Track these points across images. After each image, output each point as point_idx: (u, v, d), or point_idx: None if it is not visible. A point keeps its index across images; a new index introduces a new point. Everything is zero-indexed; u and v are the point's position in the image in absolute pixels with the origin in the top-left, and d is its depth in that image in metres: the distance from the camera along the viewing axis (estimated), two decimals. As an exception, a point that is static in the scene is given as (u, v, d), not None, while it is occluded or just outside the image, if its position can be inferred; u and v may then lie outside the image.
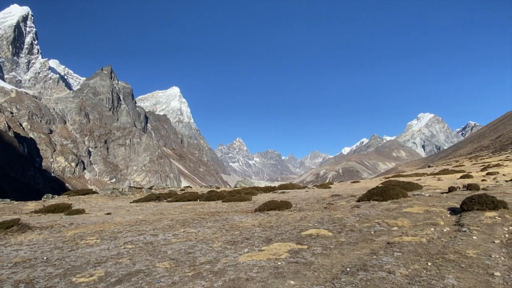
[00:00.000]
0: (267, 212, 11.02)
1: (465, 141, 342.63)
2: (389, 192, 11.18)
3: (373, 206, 10.09)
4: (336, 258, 5.01)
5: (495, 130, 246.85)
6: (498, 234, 5.59)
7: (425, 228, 6.54)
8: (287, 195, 19.18)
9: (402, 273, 4.07)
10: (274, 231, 7.55)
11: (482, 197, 7.54)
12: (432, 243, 5.40)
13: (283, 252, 5.52)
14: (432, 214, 8.00)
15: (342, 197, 14.68)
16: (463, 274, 3.90)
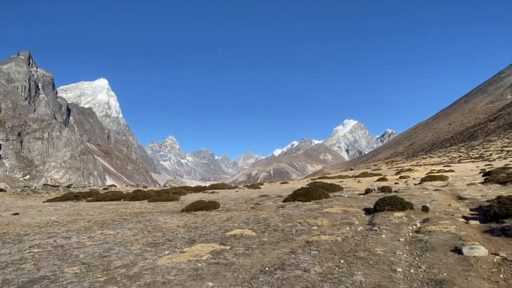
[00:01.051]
0: (194, 212, 10.82)
1: (383, 147, 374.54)
2: (312, 193, 11.71)
3: (297, 206, 10.47)
4: (257, 258, 5.06)
5: (409, 138, 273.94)
6: (403, 232, 6.14)
7: (342, 227, 6.95)
8: (216, 195, 19.10)
9: (316, 271, 4.24)
10: (198, 232, 7.42)
11: (393, 198, 8.25)
12: (346, 242, 5.74)
13: (205, 253, 5.43)
14: (349, 214, 8.54)
15: (269, 198, 15.03)
16: (370, 270, 4.19)
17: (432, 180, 18.38)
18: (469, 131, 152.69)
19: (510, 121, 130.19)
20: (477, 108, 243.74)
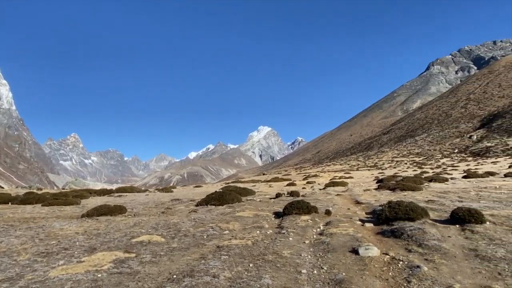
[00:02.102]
0: (96, 217, 9.94)
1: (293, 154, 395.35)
2: (226, 197, 11.73)
3: (210, 211, 10.38)
4: (164, 266, 4.83)
5: (316, 146, 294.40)
6: (308, 235, 6.49)
7: (252, 231, 7.07)
8: (124, 199, 17.93)
9: (225, 276, 4.21)
10: (100, 239, 6.82)
11: (300, 202, 8.69)
12: (256, 245, 5.84)
13: (106, 263, 4.99)
14: (260, 217, 8.74)
15: (182, 202, 14.64)
16: (277, 273, 4.31)
17: (334, 186, 19.95)
18: (366, 142, 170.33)
19: (399, 135, 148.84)
20: (373, 122, 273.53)
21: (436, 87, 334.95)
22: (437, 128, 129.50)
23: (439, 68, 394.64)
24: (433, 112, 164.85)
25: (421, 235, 5.63)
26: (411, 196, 12.19)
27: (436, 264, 4.33)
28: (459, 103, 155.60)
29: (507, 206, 8.29)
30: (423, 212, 6.96)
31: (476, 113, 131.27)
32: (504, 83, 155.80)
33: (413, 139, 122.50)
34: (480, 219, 6.23)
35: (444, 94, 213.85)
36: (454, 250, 4.89)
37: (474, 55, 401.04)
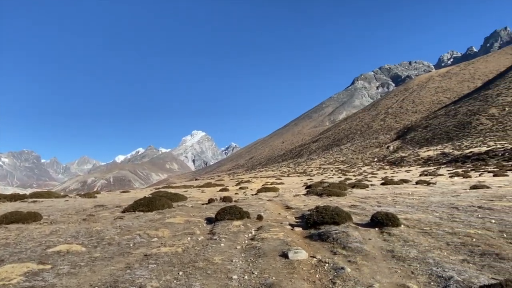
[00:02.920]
0: (5, 226, 8.85)
1: (227, 159, 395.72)
2: (155, 202, 11.26)
3: (137, 217, 9.87)
4: (85, 277, 4.45)
5: (249, 152, 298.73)
6: (240, 240, 6.50)
7: (183, 237, 6.87)
8: (39, 205, 16.24)
9: (153, 285, 4.01)
10: (10, 249, 6.07)
11: (232, 208, 8.69)
12: (186, 252, 5.68)
13: (16, 276, 4.45)
14: (191, 224, 8.55)
15: (106, 208, 13.71)
16: (208, 280, 4.23)
17: (266, 191, 20.36)
18: (297, 150, 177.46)
19: (327, 144, 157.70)
20: (304, 130, 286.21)
21: (360, 101, 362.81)
22: (360, 138, 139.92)
23: (362, 83, 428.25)
24: (356, 124, 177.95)
25: (345, 238, 5.97)
26: (336, 201, 12.91)
27: (358, 265, 4.62)
28: (379, 116, 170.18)
29: (418, 211, 9.20)
30: (347, 216, 7.41)
31: (393, 125, 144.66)
32: (417, 100, 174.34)
33: (339, 148, 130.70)
34: (396, 222, 6.81)
35: (366, 107, 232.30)
36: (374, 252, 5.26)
37: (393, 73, 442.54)
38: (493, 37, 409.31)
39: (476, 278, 3.78)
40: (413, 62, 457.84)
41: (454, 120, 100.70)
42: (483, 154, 53.07)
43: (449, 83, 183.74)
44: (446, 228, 6.56)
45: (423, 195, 14.03)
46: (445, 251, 5.09)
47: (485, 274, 3.96)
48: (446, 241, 5.64)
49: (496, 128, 78.20)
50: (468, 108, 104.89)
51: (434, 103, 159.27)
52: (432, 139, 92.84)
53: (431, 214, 8.43)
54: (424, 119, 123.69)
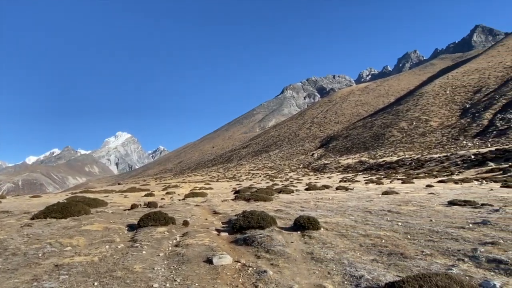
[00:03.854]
0: None
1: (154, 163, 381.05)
2: (70, 208, 10.37)
3: (49, 224, 8.98)
4: (-21, 294, 3.91)
5: (178, 156, 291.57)
6: (164, 247, 6.28)
7: (101, 246, 6.42)
8: None
9: (63, 299, 3.67)
10: None
11: (157, 214, 8.38)
12: (104, 261, 5.31)
13: None
14: (111, 231, 8.03)
15: (12, 214, 12.23)
16: (126, 290, 4.01)
17: (194, 196, 20.04)
18: (227, 155, 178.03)
19: (257, 149, 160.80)
20: (235, 136, 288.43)
21: (288, 109, 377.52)
22: (287, 146, 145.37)
23: (291, 93, 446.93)
24: (285, 131, 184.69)
25: (269, 242, 6.13)
26: (263, 206, 13.20)
27: (280, 268, 4.77)
28: (305, 125, 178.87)
29: (337, 214, 9.83)
30: (272, 220, 7.62)
31: (317, 134, 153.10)
32: (339, 111, 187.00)
33: (268, 154, 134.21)
34: (316, 226, 7.19)
35: (294, 116, 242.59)
36: (295, 254, 5.49)
37: (319, 85, 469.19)
38: (404, 58, 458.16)
39: (383, 276, 4.14)
40: (337, 76, 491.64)
41: (371, 132, 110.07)
42: (394, 163, 58.79)
43: (367, 98, 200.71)
44: (360, 231, 7.10)
45: (342, 200, 15.03)
46: (358, 252, 5.50)
47: (391, 272, 4.37)
48: (359, 242, 6.10)
49: (405, 140, 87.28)
50: (383, 121, 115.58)
51: (354, 115, 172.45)
52: (352, 148, 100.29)
53: (348, 218, 9.06)
54: (345, 130, 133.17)
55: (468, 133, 75.94)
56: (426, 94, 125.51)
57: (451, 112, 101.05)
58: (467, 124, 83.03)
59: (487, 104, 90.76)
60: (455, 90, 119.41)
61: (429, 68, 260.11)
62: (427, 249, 5.41)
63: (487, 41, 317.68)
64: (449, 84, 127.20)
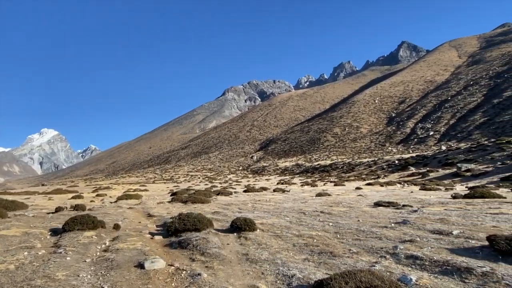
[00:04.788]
0: None
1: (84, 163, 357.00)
2: (-18, 212, 9.29)
3: (-46, 231, 7.93)
4: None
5: (112, 156, 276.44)
6: (91, 252, 5.90)
7: (18, 252, 5.83)
8: None
9: (-32, 314, 3.27)
10: None
11: (85, 217, 7.84)
12: (21, 269, 4.83)
13: None
14: (31, 236, 7.34)
15: None
16: (46, 300, 3.69)
17: (128, 199, 19.12)
18: (165, 156, 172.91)
19: (196, 151, 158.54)
20: (173, 136, 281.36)
21: (229, 111, 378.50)
22: (227, 148, 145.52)
23: (232, 95, 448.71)
24: (225, 133, 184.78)
25: (204, 244, 6.07)
26: (200, 208, 13.05)
27: (215, 270, 4.75)
28: (246, 128, 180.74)
29: (273, 216, 10.06)
30: (208, 222, 7.57)
31: (257, 137, 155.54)
32: (278, 116, 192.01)
33: (207, 156, 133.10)
34: (252, 227, 7.29)
35: (235, 118, 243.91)
36: (230, 256, 5.51)
37: (259, 89, 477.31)
38: (339, 68, 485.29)
39: (313, 275, 4.33)
40: (277, 81, 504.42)
41: (307, 136, 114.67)
42: (328, 167, 61.89)
43: (305, 103, 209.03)
44: (294, 231, 7.34)
45: (278, 201, 15.43)
46: (291, 251, 5.69)
47: (321, 270, 4.58)
48: (293, 242, 6.31)
49: (338, 145, 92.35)
50: (318, 127, 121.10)
51: (292, 119, 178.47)
52: (289, 152, 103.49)
53: (283, 219, 9.33)
54: (284, 133, 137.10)
55: (393, 140, 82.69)
56: (357, 103, 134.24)
57: (379, 120, 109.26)
58: (393, 131, 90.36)
59: (410, 114, 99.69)
60: (383, 100, 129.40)
61: (361, 78, 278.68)
62: (354, 247, 5.77)
63: (412, 57, 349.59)
64: (378, 94, 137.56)
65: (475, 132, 67.32)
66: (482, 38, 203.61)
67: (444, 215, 8.59)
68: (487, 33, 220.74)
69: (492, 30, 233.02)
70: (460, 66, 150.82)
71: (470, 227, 6.83)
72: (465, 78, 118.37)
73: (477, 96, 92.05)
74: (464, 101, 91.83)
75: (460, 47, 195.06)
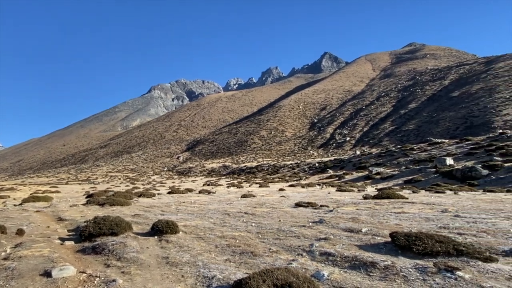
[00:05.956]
0: None
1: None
2: None
3: None
4: None
5: (18, 154, 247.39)
6: (-14, 262, 5.21)
7: None
8: None
9: None
10: None
11: (-20, 222, 6.91)
12: None
13: None
14: None
15: None
16: None
17: (35, 201, 17.29)
18: (81, 155, 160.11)
19: (117, 150, 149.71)
20: (91, 134, 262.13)
21: (155, 110, 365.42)
22: (152, 147, 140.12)
23: (159, 93, 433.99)
24: (150, 132, 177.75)
25: (122, 249, 5.77)
26: (119, 211, 12.34)
27: (132, 276, 4.54)
28: (172, 127, 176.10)
29: (197, 218, 9.95)
30: (127, 226, 7.20)
31: (184, 138, 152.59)
32: (207, 116, 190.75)
33: (130, 156, 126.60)
34: (175, 229, 7.13)
35: (161, 117, 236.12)
36: (149, 260, 5.31)
37: (188, 88, 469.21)
38: (267, 73, 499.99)
39: (234, 275, 4.39)
40: (206, 82, 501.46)
41: (235, 138, 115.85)
42: (254, 168, 63.23)
43: (233, 105, 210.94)
44: (218, 233, 7.36)
45: (203, 203, 15.30)
46: (213, 253, 5.69)
47: (241, 270, 4.66)
48: (215, 244, 6.32)
49: (264, 147, 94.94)
50: (246, 129, 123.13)
51: (221, 121, 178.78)
52: (217, 153, 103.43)
53: (207, 220, 9.28)
54: (211, 135, 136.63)
55: (315, 144, 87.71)
56: (283, 107, 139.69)
57: (303, 125, 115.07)
58: (314, 136, 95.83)
59: (330, 120, 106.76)
60: (306, 106, 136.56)
61: (287, 84, 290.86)
62: (274, 246, 5.99)
63: (333, 67, 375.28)
64: (302, 100, 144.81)
65: (384, 139, 74.62)
66: (393, 54, 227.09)
67: (355, 214, 9.35)
68: (397, 50, 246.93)
69: (401, 48, 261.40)
70: (374, 79, 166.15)
71: (377, 225, 7.54)
72: (378, 90, 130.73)
73: (387, 107, 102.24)
74: (376, 111, 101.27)
75: (374, 61, 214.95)
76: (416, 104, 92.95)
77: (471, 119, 65.86)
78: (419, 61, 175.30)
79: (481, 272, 4.03)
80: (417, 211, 9.70)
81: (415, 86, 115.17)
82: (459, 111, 73.34)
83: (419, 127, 74.79)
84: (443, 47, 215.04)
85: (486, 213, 8.64)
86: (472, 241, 5.44)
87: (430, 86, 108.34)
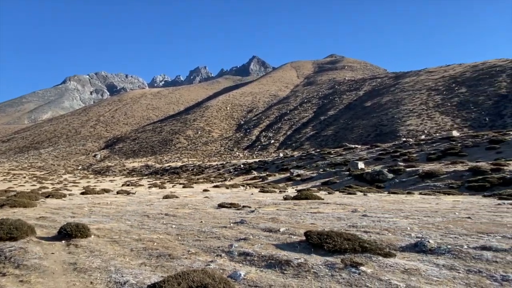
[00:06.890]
0: None
1: None
2: None
3: None
4: None
5: None
6: None
7: None
8: None
9: None
10: None
11: None
12: None
13: None
14: None
15: None
16: None
17: None
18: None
19: (22, 145, 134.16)
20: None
21: (70, 103, 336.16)
22: (64, 144, 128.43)
23: (75, 85, 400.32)
24: (63, 127, 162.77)
25: (22, 255, 5.19)
26: (22, 213, 11.07)
27: (31, 284, 4.11)
28: (90, 123, 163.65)
29: (113, 220, 9.37)
30: (29, 230, 6.50)
31: (103, 134, 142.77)
32: (129, 113, 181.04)
33: (38, 152, 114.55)
34: (86, 233, 6.62)
35: (77, 111, 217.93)
36: (54, 267, 4.86)
37: (109, 82, 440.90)
38: (196, 72, 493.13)
39: (148, 279, 4.23)
40: (130, 76, 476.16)
41: (159, 137, 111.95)
42: (178, 168, 61.73)
43: (159, 103, 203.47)
44: (134, 235, 7.02)
45: (121, 204, 14.48)
46: (128, 257, 5.42)
47: (157, 273, 4.51)
48: (131, 247, 6.02)
49: (190, 147, 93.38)
50: (171, 128, 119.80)
51: (144, 118, 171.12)
52: (139, 152, 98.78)
53: (124, 223, 8.80)
54: (134, 132, 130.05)
55: (241, 146, 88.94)
56: (211, 108, 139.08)
57: (229, 126, 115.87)
58: (240, 138, 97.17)
59: (256, 123, 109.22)
60: (234, 107, 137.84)
61: (215, 84, 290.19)
62: (193, 248, 5.91)
63: (260, 71, 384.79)
64: (230, 102, 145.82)
65: (306, 143, 78.77)
66: (316, 63, 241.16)
67: (275, 214, 9.69)
68: (320, 59, 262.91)
69: (323, 58, 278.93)
70: (298, 85, 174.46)
71: (294, 224, 7.90)
72: (301, 96, 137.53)
73: (309, 112, 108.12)
74: (299, 116, 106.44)
75: (299, 68, 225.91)
76: (334, 112, 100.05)
77: (381, 128, 73.08)
78: (338, 72, 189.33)
79: (381, 267, 4.47)
80: (331, 211, 10.40)
81: (334, 94, 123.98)
82: (371, 119, 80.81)
83: (336, 133, 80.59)
84: (359, 61, 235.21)
85: (389, 213, 9.62)
86: (376, 238, 6.01)
87: (347, 96, 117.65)
